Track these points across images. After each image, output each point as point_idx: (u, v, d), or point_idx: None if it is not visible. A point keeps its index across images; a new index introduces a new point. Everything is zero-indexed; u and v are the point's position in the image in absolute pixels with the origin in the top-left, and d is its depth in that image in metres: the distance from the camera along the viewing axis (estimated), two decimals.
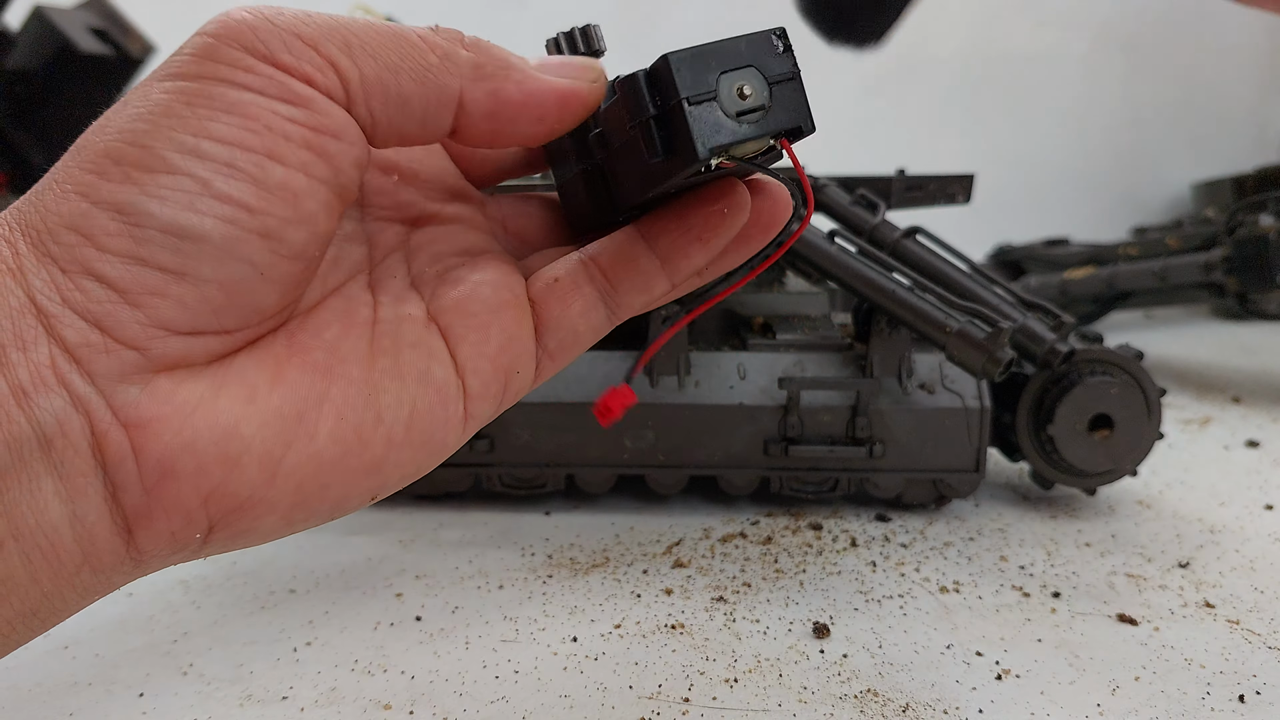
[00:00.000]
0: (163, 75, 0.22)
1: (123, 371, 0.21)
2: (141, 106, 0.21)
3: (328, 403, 0.23)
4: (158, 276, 0.21)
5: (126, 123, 0.21)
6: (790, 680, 0.38)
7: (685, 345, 0.52)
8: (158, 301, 0.21)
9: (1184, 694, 0.37)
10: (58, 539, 0.21)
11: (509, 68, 0.24)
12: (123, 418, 0.21)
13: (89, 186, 0.21)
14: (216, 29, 0.21)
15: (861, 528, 0.53)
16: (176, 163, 0.21)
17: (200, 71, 0.21)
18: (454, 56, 0.23)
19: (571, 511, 0.55)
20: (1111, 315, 1.00)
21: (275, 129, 0.21)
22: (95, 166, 0.21)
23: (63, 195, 0.21)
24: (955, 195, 0.60)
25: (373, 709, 0.36)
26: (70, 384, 0.20)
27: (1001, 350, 0.45)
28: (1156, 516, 0.55)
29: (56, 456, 0.20)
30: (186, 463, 0.22)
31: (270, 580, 0.47)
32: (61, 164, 0.22)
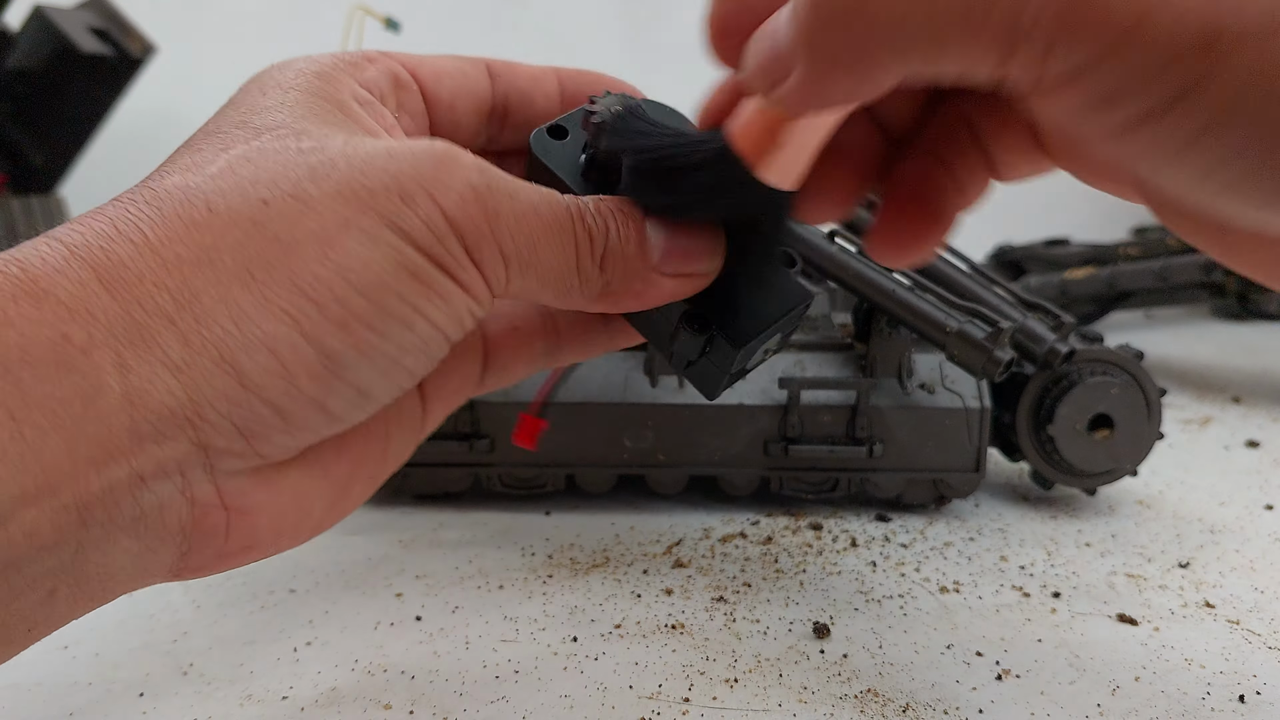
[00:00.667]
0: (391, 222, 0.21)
1: (244, 470, 0.22)
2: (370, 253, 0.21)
3: (364, 465, 0.26)
4: (325, 420, 0.22)
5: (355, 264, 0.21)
6: (790, 680, 0.38)
7: None
8: (310, 434, 0.22)
9: (1184, 694, 0.37)
10: (111, 585, 0.21)
11: (634, 278, 0.25)
12: (229, 503, 0.22)
13: (305, 316, 0.21)
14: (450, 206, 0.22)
15: (861, 528, 0.53)
16: (392, 330, 0.22)
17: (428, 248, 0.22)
18: (590, 282, 0.25)
19: (571, 511, 0.55)
20: (1112, 315, 0.99)
21: (463, 322, 0.23)
22: (317, 295, 0.21)
23: (267, 308, 0.20)
24: None
25: (373, 709, 0.36)
26: (189, 474, 0.21)
27: (1001, 350, 0.45)
28: (1156, 516, 0.55)
29: (145, 526, 0.21)
30: (268, 541, 0.24)
31: (270, 580, 0.47)
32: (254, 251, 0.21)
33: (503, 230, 0.22)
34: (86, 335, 0.19)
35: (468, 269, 0.22)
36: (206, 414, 0.20)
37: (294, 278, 0.21)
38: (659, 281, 0.25)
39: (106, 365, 0.19)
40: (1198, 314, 1.16)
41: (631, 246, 0.25)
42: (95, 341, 0.19)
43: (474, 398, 0.51)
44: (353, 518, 0.55)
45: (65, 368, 0.19)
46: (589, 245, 0.24)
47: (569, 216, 0.24)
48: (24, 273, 0.19)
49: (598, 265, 0.24)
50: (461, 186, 0.22)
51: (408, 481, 0.55)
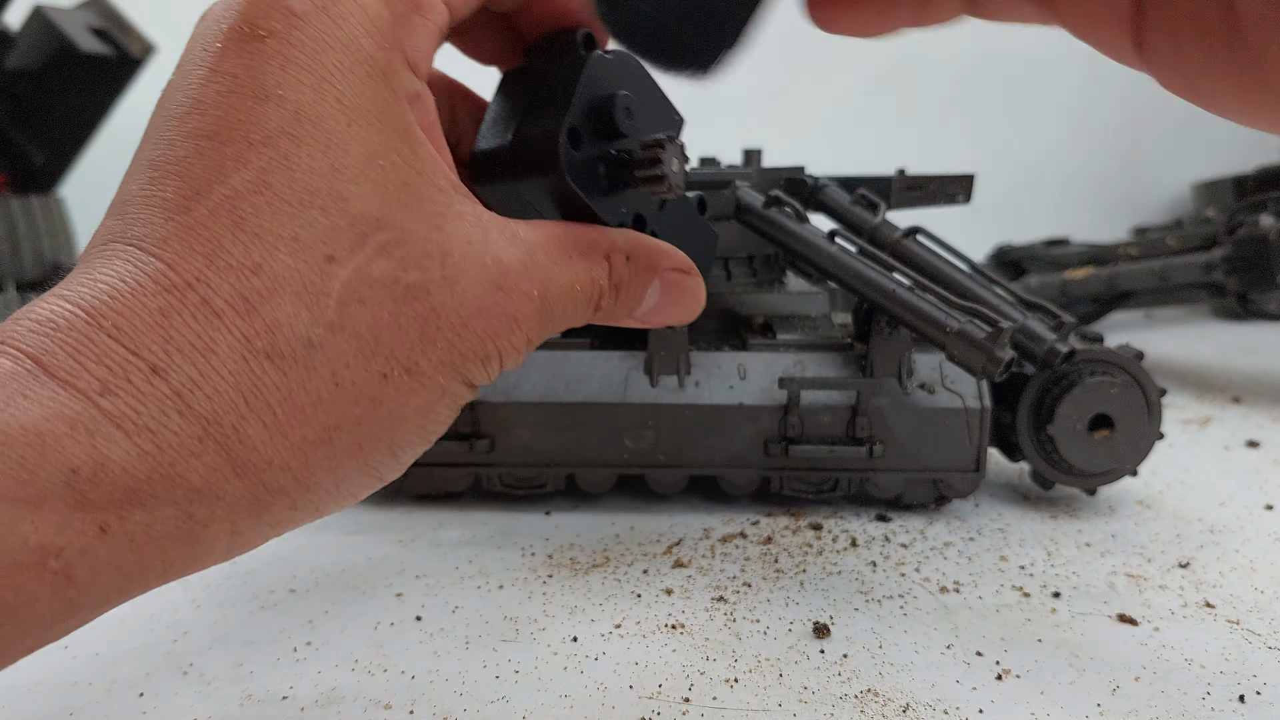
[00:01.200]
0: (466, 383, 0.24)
1: None
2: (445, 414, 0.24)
3: None
4: None
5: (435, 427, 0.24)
6: (790, 680, 0.38)
7: (685, 345, 0.52)
8: None
9: (1184, 694, 0.37)
10: None
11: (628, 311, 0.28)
12: None
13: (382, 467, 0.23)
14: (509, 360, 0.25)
15: (862, 528, 0.53)
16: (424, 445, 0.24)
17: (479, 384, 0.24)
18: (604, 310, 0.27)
19: (572, 511, 0.55)
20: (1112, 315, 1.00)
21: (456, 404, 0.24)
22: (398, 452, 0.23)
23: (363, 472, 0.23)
24: (955, 195, 0.60)
25: (373, 709, 0.36)
26: None
27: (1002, 350, 0.45)
28: (1157, 516, 0.55)
29: None
30: None
31: (270, 580, 0.47)
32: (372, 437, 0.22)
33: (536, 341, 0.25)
34: (209, 513, 0.20)
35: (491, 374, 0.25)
36: None
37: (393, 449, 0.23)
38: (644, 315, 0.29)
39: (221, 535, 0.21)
40: (1198, 314, 1.16)
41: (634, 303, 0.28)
42: (217, 517, 0.20)
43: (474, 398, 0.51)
44: (353, 518, 0.55)
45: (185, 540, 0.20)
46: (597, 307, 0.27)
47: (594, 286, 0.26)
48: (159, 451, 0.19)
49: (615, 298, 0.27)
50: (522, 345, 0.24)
51: (408, 481, 0.55)
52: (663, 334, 0.52)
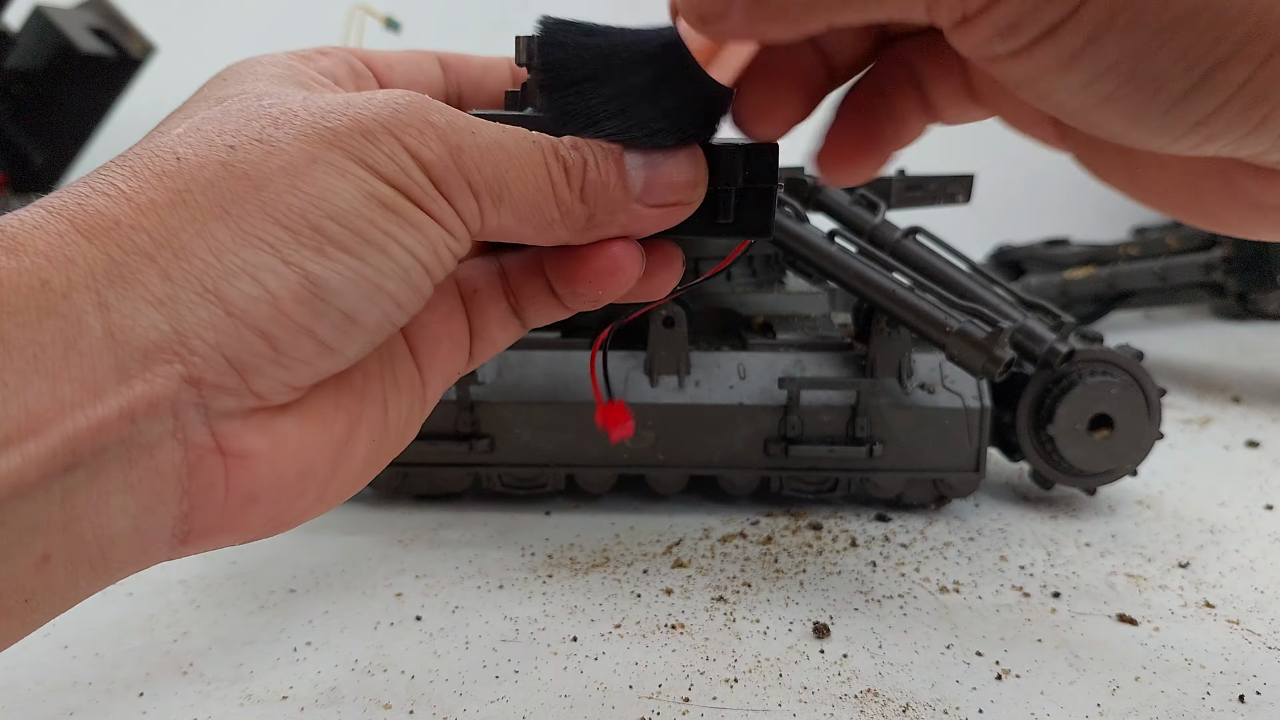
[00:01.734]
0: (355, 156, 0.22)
1: (237, 410, 0.22)
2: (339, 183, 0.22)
3: (363, 424, 0.25)
4: (316, 349, 0.22)
5: (325, 193, 0.21)
6: (790, 680, 0.38)
7: (685, 345, 0.52)
8: (303, 368, 0.22)
9: (1184, 694, 0.37)
10: (111, 550, 0.21)
11: (617, 210, 0.26)
12: (224, 447, 0.22)
13: (282, 244, 0.21)
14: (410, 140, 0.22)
15: (861, 528, 0.53)
16: (369, 255, 0.22)
17: (395, 180, 0.22)
18: (572, 214, 0.25)
19: (571, 511, 0.55)
20: (1112, 315, 1.00)
21: (437, 251, 0.23)
22: (291, 224, 0.21)
23: (246, 239, 0.21)
24: (955, 195, 0.60)
25: (373, 709, 0.36)
26: (181, 412, 0.21)
27: (1002, 350, 0.45)
28: (1156, 517, 0.55)
29: (135, 475, 0.20)
30: (269, 494, 0.23)
31: (270, 580, 0.47)
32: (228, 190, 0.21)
33: (467, 164, 0.23)
34: (65, 279, 0.19)
35: (438, 201, 0.23)
36: (193, 345, 0.20)
37: (267, 209, 0.21)
38: (643, 214, 0.26)
39: (87, 306, 0.19)
40: (1198, 314, 1.16)
41: (612, 177, 0.25)
42: (74, 285, 0.19)
43: (474, 398, 0.52)
44: (353, 518, 0.55)
45: (45, 312, 0.19)
46: (564, 176, 0.25)
47: (538, 149, 0.24)
48: (3, 234, 0.20)
49: (578, 196, 0.25)
50: (421, 124, 0.23)
51: (408, 481, 0.55)
52: (663, 334, 0.52)
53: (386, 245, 0.22)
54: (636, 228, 0.26)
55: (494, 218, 0.24)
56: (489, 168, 0.23)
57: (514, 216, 0.24)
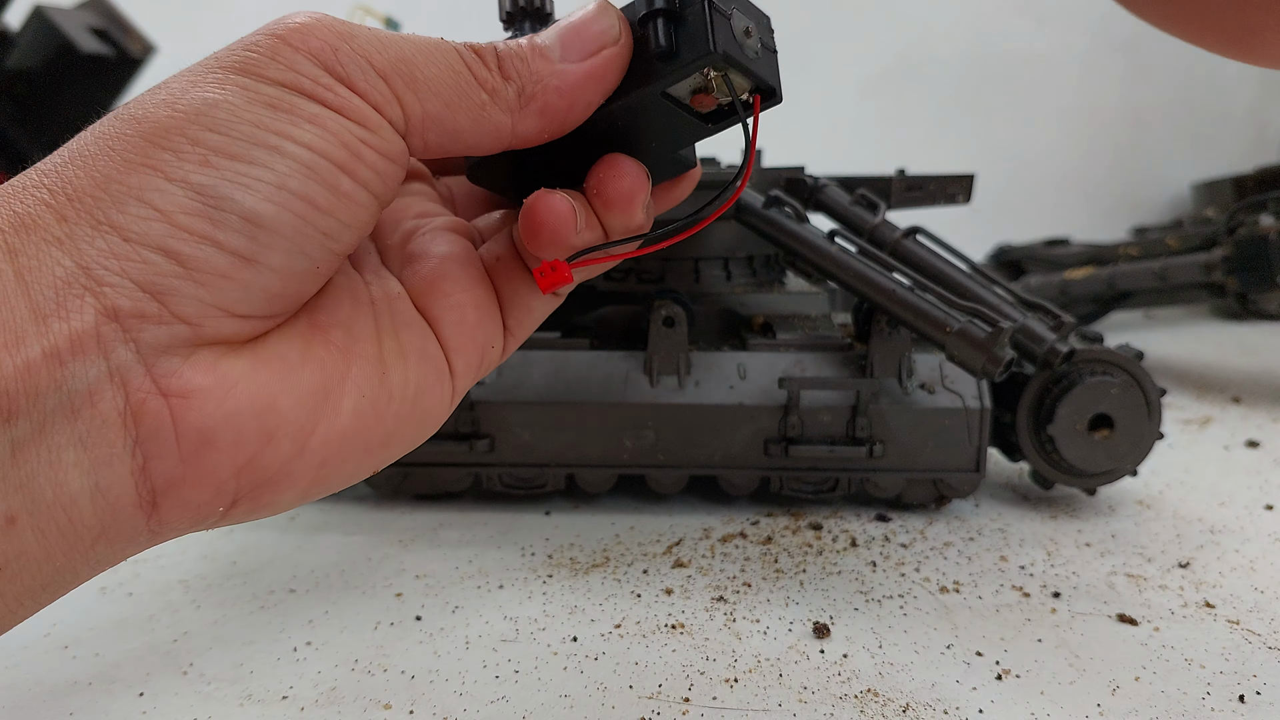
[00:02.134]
0: (236, 68, 0.22)
1: (171, 344, 0.21)
2: (214, 93, 0.22)
3: (349, 381, 0.25)
4: (228, 260, 0.21)
5: (197, 105, 0.21)
6: (790, 680, 0.38)
7: (685, 345, 0.52)
8: (223, 283, 0.22)
9: (1184, 694, 0.37)
10: (76, 513, 0.20)
11: (544, 76, 0.25)
12: (164, 387, 0.21)
13: (164, 163, 0.21)
14: (293, 35, 0.22)
15: (861, 528, 0.53)
16: (259, 156, 0.21)
17: (280, 78, 0.22)
18: (500, 92, 0.25)
19: (571, 511, 0.55)
20: (1112, 315, 1.00)
21: (349, 146, 0.22)
22: (166, 141, 0.21)
23: (129, 166, 0.21)
24: (955, 195, 0.60)
25: (373, 708, 0.36)
26: (111, 352, 0.20)
27: (1002, 350, 0.45)
28: (1156, 516, 0.55)
29: (82, 427, 0.20)
30: (226, 434, 0.22)
31: (270, 580, 0.47)
32: (113, 129, 0.22)
33: (364, 47, 0.23)
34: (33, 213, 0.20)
35: (335, 89, 0.22)
36: (98, 275, 0.20)
37: (148, 136, 0.21)
38: (572, 72, 0.25)
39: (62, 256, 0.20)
40: (1197, 314, 1.16)
41: (524, 47, 0.25)
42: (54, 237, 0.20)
43: (474, 399, 0.52)
44: (353, 518, 0.55)
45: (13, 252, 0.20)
46: (478, 59, 0.24)
47: (445, 41, 0.24)
48: None
49: (499, 74, 0.25)
50: (304, 19, 0.22)
51: (408, 481, 0.55)
52: (663, 334, 0.52)
53: (279, 144, 0.22)
54: (576, 93, 0.25)
55: (414, 103, 0.23)
56: (392, 50, 0.23)
57: (438, 101, 0.24)
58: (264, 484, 0.23)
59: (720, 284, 0.60)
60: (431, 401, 0.27)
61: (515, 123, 0.25)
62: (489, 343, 0.28)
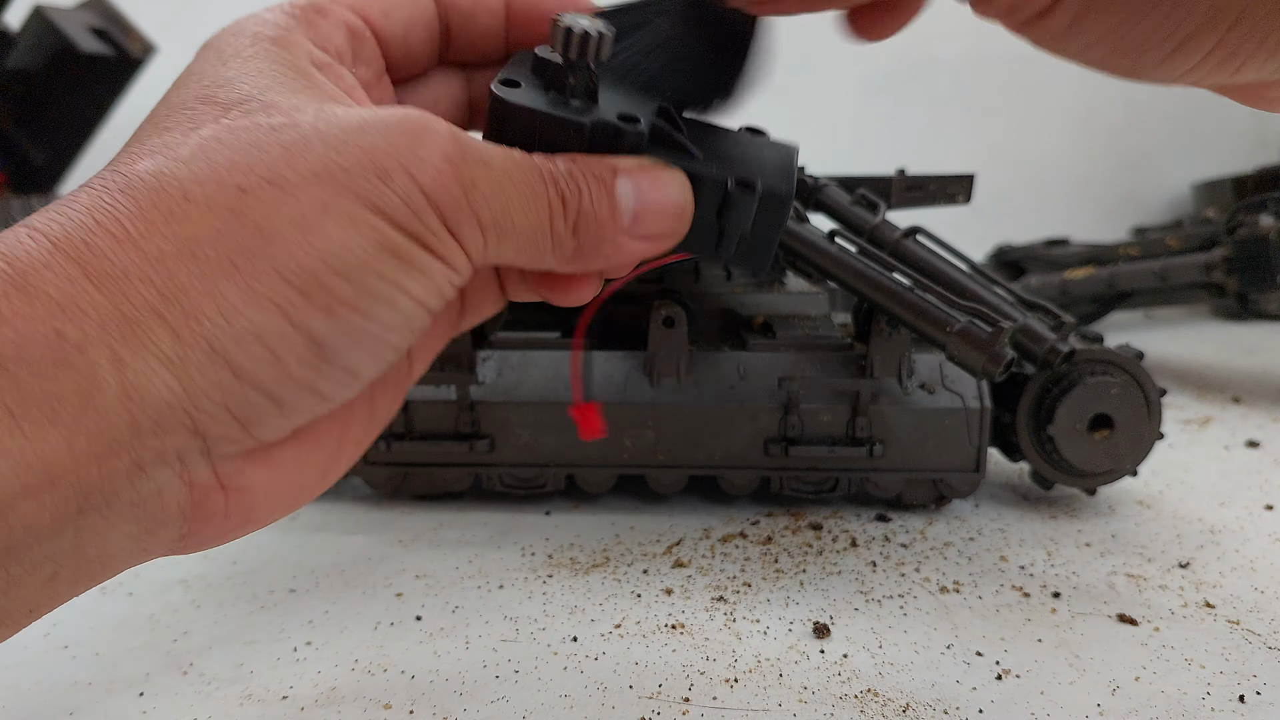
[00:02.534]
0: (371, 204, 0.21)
1: (240, 452, 0.22)
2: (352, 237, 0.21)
3: (351, 429, 0.26)
4: (317, 401, 0.23)
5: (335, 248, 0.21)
6: (790, 680, 0.38)
7: (686, 345, 0.52)
8: (303, 416, 0.23)
9: (1184, 694, 0.37)
10: (111, 565, 0.22)
11: (607, 243, 0.26)
12: (227, 484, 0.22)
13: (290, 305, 0.21)
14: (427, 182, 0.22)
15: (861, 528, 0.53)
16: (375, 310, 0.22)
17: (408, 226, 0.22)
18: (563, 246, 0.25)
19: (572, 511, 0.55)
20: (1112, 315, 0.99)
21: (442, 292, 0.23)
22: (299, 283, 0.21)
23: (252, 299, 0.21)
24: (955, 195, 0.60)
25: (373, 708, 0.36)
26: (187, 460, 0.21)
27: (1002, 350, 0.45)
28: (1156, 517, 0.55)
29: (144, 511, 0.21)
30: (264, 515, 0.24)
31: (270, 580, 0.47)
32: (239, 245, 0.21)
33: (479, 201, 0.23)
34: (80, 332, 0.19)
35: (447, 242, 0.23)
36: (203, 405, 0.21)
37: (277, 266, 0.21)
38: (628, 245, 0.26)
39: (102, 361, 0.19)
40: (1198, 314, 1.16)
41: (604, 210, 0.25)
42: (89, 338, 0.19)
43: (475, 398, 0.52)
44: (353, 517, 0.55)
45: (62, 364, 0.19)
46: (562, 209, 0.25)
47: (542, 181, 0.24)
48: (10, 267, 0.19)
49: (571, 230, 0.25)
50: (438, 161, 0.22)
51: (408, 482, 0.55)
52: (663, 334, 0.52)
53: (394, 298, 0.22)
54: (620, 260, 0.26)
55: (494, 250, 0.24)
56: (499, 204, 0.23)
57: (513, 249, 0.24)
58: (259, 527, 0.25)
59: (720, 284, 0.60)
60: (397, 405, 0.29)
61: (557, 269, 0.26)
62: (443, 343, 0.30)
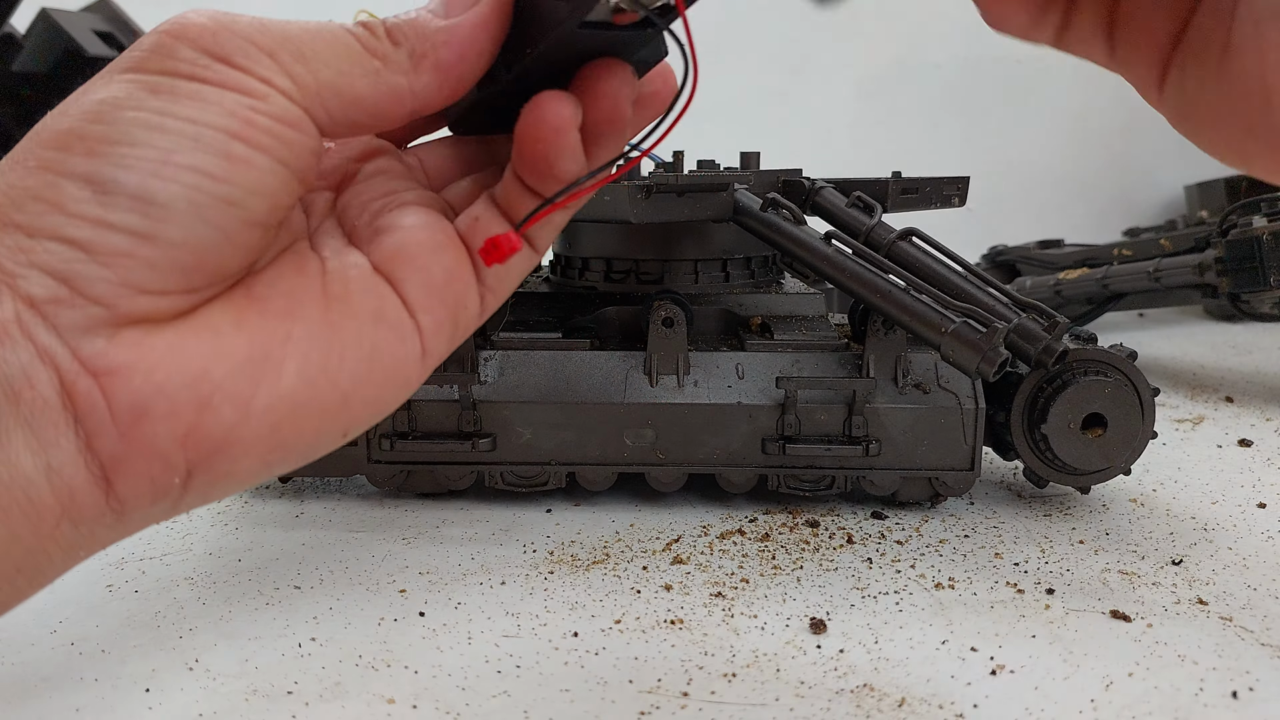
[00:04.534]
0: (120, 69, 0.23)
1: (89, 325, 0.22)
2: (103, 93, 0.23)
3: (290, 342, 0.25)
4: (126, 239, 0.22)
5: (89, 106, 0.23)
6: (787, 675, 0.39)
7: (684, 345, 0.53)
8: (126, 262, 0.22)
9: (1177, 690, 0.38)
10: (34, 492, 0.22)
11: (430, 34, 0.25)
12: (90, 366, 0.22)
13: (53, 160, 0.22)
14: (174, 29, 0.23)
15: (858, 525, 0.53)
16: (140, 136, 0.22)
17: (161, 67, 0.23)
18: (391, 56, 0.25)
19: (572, 509, 0.56)
20: (1105, 316, 1.00)
21: (237, 114, 0.23)
22: (58, 143, 0.22)
23: (26, 170, 0.22)
24: (951, 198, 0.60)
25: (376, 703, 0.37)
26: (35, 337, 0.22)
27: (996, 350, 0.46)
28: (1150, 514, 0.55)
29: (25, 410, 0.21)
30: (159, 404, 0.23)
31: (275, 577, 0.48)
32: (21, 146, 0.23)
33: (244, 28, 0.24)
34: None
35: (214, 67, 0.23)
36: (11, 270, 0.22)
37: (44, 143, 0.23)
38: (457, 26, 0.26)
39: None
40: (1190, 314, 1.16)
41: (411, 14, 0.26)
42: None
43: (477, 398, 0.52)
44: (357, 515, 0.55)
45: None
46: (366, 30, 0.25)
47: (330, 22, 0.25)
48: None
49: (388, 41, 0.25)
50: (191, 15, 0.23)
51: (411, 480, 0.56)
52: (662, 334, 0.52)
53: (160, 123, 0.22)
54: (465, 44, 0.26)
55: (304, 73, 0.24)
56: (276, 31, 0.24)
57: (330, 70, 0.24)
58: (214, 452, 0.24)
59: (719, 285, 0.60)
60: (394, 362, 0.27)
61: (411, 82, 0.25)
62: (461, 302, 0.28)
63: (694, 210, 0.52)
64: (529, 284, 0.65)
